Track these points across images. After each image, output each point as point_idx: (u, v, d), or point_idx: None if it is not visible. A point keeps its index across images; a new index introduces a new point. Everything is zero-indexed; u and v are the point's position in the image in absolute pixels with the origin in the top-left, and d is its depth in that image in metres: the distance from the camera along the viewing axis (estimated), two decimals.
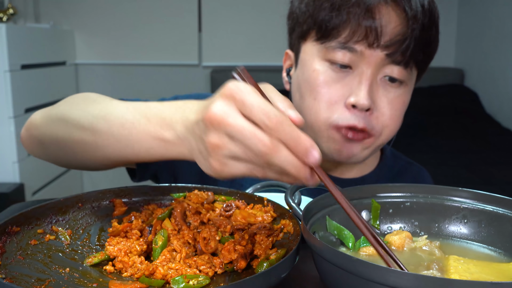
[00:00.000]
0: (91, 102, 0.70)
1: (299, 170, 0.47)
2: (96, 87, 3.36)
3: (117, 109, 0.64)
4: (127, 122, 0.61)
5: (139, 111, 0.61)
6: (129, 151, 0.62)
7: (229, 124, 0.47)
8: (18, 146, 2.46)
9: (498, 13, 3.14)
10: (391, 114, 0.82)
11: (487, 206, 0.64)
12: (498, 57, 3.15)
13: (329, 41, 0.79)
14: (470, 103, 3.27)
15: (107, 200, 0.68)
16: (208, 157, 0.50)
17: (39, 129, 0.75)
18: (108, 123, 0.63)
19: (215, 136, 0.48)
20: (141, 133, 0.59)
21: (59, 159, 0.76)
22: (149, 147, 0.59)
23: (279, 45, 3.39)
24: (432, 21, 0.80)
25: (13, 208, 0.82)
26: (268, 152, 0.46)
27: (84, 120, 0.66)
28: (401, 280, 0.43)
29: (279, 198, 0.72)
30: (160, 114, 0.58)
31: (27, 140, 0.80)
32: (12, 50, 2.39)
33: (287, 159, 0.47)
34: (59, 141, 0.70)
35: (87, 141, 0.66)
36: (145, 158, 0.61)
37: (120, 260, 0.57)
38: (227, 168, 0.49)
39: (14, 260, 0.54)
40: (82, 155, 0.69)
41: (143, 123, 0.59)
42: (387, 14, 0.76)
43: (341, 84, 0.80)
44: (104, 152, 0.65)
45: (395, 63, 0.79)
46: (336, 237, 0.61)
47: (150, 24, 3.31)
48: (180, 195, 0.69)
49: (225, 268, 0.56)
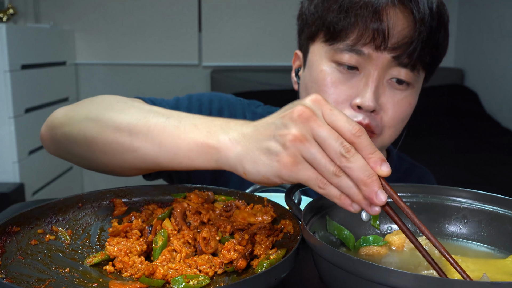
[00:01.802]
0: (128, 106, 0.69)
1: (371, 176, 0.49)
2: (96, 87, 3.36)
3: (155, 113, 0.64)
4: (170, 125, 0.61)
5: (185, 118, 0.62)
6: (166, 155, 0.62)
7: (316, 122, 0.50)
8: (18, 146, 2.46)
9: (498, 13, 3.14)
10: (395, 115, 0.82)
11: (487, 206, 0.64)
12: (498, 57, 3.15)
13: (337, 43, 0.80)
14: (470, 103, 3.27)
15: (107, 200, 0.68)
16: (282, 152, 0.51)
17: (63, 128, 0.73)
18: (147, 124, 0.63)
19: (300, 130, 0.50)
20: (184, 138, 0.60)
21: (84, 159, 0.74)
22: (189, 151, 0.59)
23: (279, 45, 3.41)
24: (440, 24, 0.80)
25: (13, 208, 0.82)
26: (347, 156, 0.49)
27: (121, 121, 0.65)
28: (401, 280, 0.43)
29: (279, 198, 0.72)
30: (209, 123, 0.59)
31: (49, 138, 0.77)
32: (12, 50, 2.39)
33: (362, 165, 0.49)
34: (89, 140, 0.69)
35: (121, 142, 0.65)
36: (179, 164, 0.61)
37: (120, 260, 0.57)
38: (297, 168, 0.51)
39: (14, 260, 0.54)
40: (113, 156, 0.67)
41: (189, 129, 0.60)
42: (394, 17, 0.76)
43: (347, 85, 0.81)
44: (137, 154, 0.65)
45: (402, 65, 0.79)
46: (336, 237, 0.61)
47: (150, 24, 3.31)
48: (180, 195, 0.69)
49: (225, 268, 0.56)
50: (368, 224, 0.65)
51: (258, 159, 0.53)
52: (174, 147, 0.60)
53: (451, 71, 3.53)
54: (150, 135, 0.62)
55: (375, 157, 0.50)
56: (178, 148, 0.60)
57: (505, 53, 3.06)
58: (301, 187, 0.68)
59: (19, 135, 2.46)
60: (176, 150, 0.60)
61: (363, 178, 0.49)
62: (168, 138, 0.61)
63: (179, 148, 0.60)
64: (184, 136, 0.60)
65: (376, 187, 0.49)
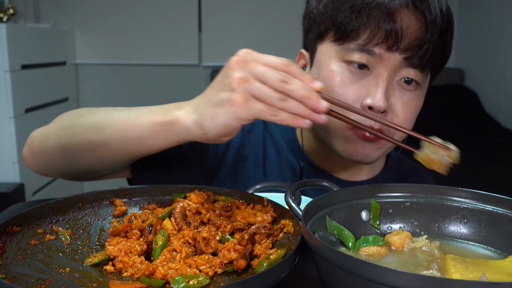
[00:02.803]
0: (94, 111, 0.76)
1: (310, 91, 0.58)
2: (96, 87, 3.36)
3: (121, 110, 0.72)
4: (131, 116, 0.70)
5: (144, 108, 0.70)
6: (132, 142, 0.70)
7: (252, 63, 0.59)
8: (18, 146, 2.46)
9: (497, 14, 3.14)
10: (405, 116, 0.82)
11: (487, 206, 0.64)
12: (498, 57, 3.15)
13: (347, 43, 0.79)
14: (470, 103, 3.27)
15: (107, 200, 0.68)
16: (232, 95, 0.59)
17: (41, 144, 0.80)
18: (112, 119, 0.71)
19: (241, 73, 0.59)
20: (144, 122, 0.68)
21: (64, 168, 0.80)
22: (152, 133, 0.68)
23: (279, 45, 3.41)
24: (449, 26, 0.80)
25: (13, 208, 0.82)
26: (286, 81, 0.58)
27: (90, 123, 0.73)
28: (400, 280, 0.43)
29: (279, 198, 0.72)
30: (164, 107, 0.68)
31: (30, 157, 0.83)
32: (12, 50, 2.39)
33: (300, 85, 0.58)
34: (63, 147, 0.76)
35: (91, 139, 0.72)
36: (146, 147, 0.70)
37: (120, 260, 0.57)
38: (249, 105, 0.59)
39: (14, 260, 0.54)
40: (87, 155, 0.75)
41: (147, 114, 0.68)
42: (407, 18, 0.76)
43: (358, 85, 0.80)
44: (107, 147, 0.72)
45: (413, 66, 0.79)
46: (336, 237, 0.61)
47: (150, 24, 3.32)
48: (180, 195, 0.69)
49: (225, 268, 0.56)
50: (368, 224, 0.65)
51: (214, 113, 0.61)
52: (137, 132, 0.69)
53: (451, 71, 3.53)
54: (115, 127, 0.70)
55: (308, 77, 0.60)
56: (141, 132, 0.68)
57: (505, 54, 3.06)
58: (301, 187, 0.68)
59: (19, 135, 2.46)
60: (140, 133, 0.69)
61: (305, 93, 0.58)
62: (131, 125, 0.69)
63: (142, 131, 0.68)
64: (145, 120, 0.68)
65: (316, 97, 0.58)
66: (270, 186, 0.76)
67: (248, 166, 0.90)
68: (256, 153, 0.91)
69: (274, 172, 0.91)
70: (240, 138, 0.90)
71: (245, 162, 0.90)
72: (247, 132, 0.92)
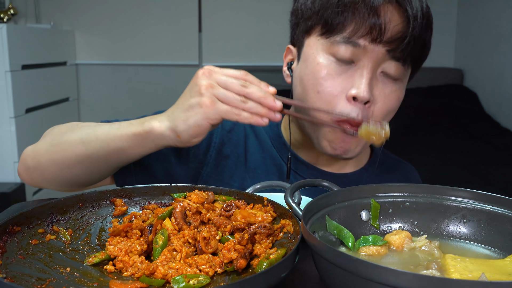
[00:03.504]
0: (79, 127, 0.85)
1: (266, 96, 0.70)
2: (97, 87, 3.36)
3: (103, 125, 0.81)
4: (111, 130, 0.78)
5: (123, 122, 0.79)
6: (114, 152, 0.79)
7: (216, 73, 0.71)
8: (18, 146, 2.46)
9: (497, 14, 3.14)
10: (385, 108, 0.85)
11: (487, 206, 0.64)
12: (497, 57, 3.15)
13: (333, 36, 0.83)
14: (469, 103, 3.27)
15: (108, 200, 0.68)
16: (201, 99, 0.70)
17: (33, 160, 0.86)
18: (96, 134, 0.80)
19: (207, 81, 0.70)
20: (124, 134, 0.77)
21: (55, 181, 0.87)
22: (131, 143, 0.77)
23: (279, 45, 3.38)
24: (428, 24, 0.85)
25: (14, 207, 0.82)
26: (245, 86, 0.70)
27: (75, 138, 0.82)
28: (400, 280, 0.43)
29: (279, 198, 0.72)
30: (142, 119, 0.78)
31: (24, 173, 0.89)
32: (13, 50, 2.39)
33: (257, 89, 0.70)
34: (55, 162, 0.83)
35: (78, 152, 0.81)
36: (128, 155, 0.79)
37: (121, 259, 0.57)
38: (216, 106, 0.69)
39: (15, 260, 0.54)
40: (75, 166, 0.83)
41: (126, 127, 0.77)
42: (390, 13, 0.80)
43: (343, 77, 0.83)
44: (93, 158, 0.81)
45: (395, 59, 0.83)
46: (336, 236, 0.61)
47: (150, 24, 3.32)
48: (181, 195, 0.70)
49: (225, 268, 0.56)
50: (367, 224, 0.65)
51: (186, 116, 0.71)
52: (118, 143, 0.77)
53: (450, 71, 3.53)
54: (100, 140, 0.79)
55: (263, 83, 0.72)
56: (121, 142, 0.77)
57: (504, 54, 3.06)
58: (301, 187, 0.68)
59: (19, 135, 2.46)
60: (120, 144, 0.77)
61: (261, 95, 0.70)
62: (112, 138, 0.78)
63: (122, 142, 0.77)
64: (124, 132, 0.77)
65: (272, 98, 0.70)
66: (270, 186, 0.76)
67: (229, 164, 0.94)
68: (237, 151, 0.96)
69: (258, 168, 0.95)
70: (220, 137, 0.95)
71: (226, 160, 0.94)
72: (228, 131, 0.96)
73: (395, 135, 0.91)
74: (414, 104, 3.00)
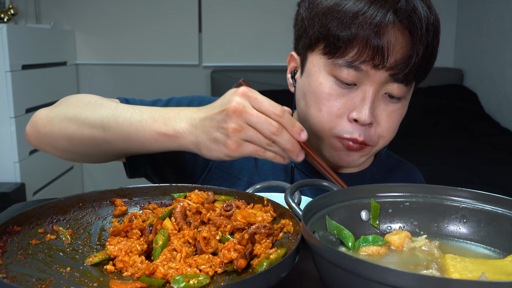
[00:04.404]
0: (98, 105, 0.81)
1: (294, 146, 0.69)
2: (97, 87, 3.36)
3: (124, 111, 0.77)
4: (134, 121, 0.75)
5: (145, 113, 0.75)
6: (135, 145, 0.76)
7: (248, 113, 0.66)
8: (19, 146, 2.46)
9: (497, 14, 3.14)
10: (389, 126, 0.86)
11: (486, 206, 0.64)
12: (497, 57, 3.15)
13: (336, 58, 0.82)
14: (469, 103, 3.27)
15: (108, 199, 0.68)
16: (226, 140, 0.68)
17: (45, 127, 0.84)
18: (117, 121, 0.76)
19: (236, 123, 0.67)
20: (147, 130, 0.74)
21: (67, 152, 0.85)
22: (154, 141, 0.74)
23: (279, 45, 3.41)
24: (434, 36, 0.83)
25: (14, 207, 0.82)
26: (275, 134, 0.67)
27: (95, 120, 0.78)
28: (400, 280, 0.43)
29: (279, 198, 0.72)
30: (164, 115, 0.74)
31: (33, 136, 0.87)
32: (13, 50, 2.39)
33: (288, 138, 0.68)
34: (70, 137, 0.81)
35: (97, 136, 0.78)
36: (149, 149, 0.77)
37: (121, 259, 0.57)
38: (241, 148, 0.68)
39: (15, 260, 0.54)
40: (91, 148, 0.81)
41: (150, 122, 0.74)
42: (394, 36, 0.78)
43: (345, 99, 0.83)
44: (112, 146, 0.79)
45: (398, 81, 0.82)
46: (335, 236, 0.61)
47: (150, 25, 3.32)
48: (181, 195, 0.70)
49: (225, 268, 0.56)
50: (367, 224, 0.65)
51: (210, 147, 0.70)
52: (141, 138, 0.75)
53: (450, 71, 3.53)
54: (120, 129, 0.76)
55: (296, 129, 0.69)
56: (144, 139, 0.75)
57: (504, 53, 3.06)
58: (301, 187, 0.68)
59: (20, 135, 2.46)
60: (143, 140, 0.75)
61: (288, 147, 0.69)
62: (134, 131, 0.75)
63: (145, 139, 0.75)
64: (147, 128, 0.74)
65: (297, 152, 0.70)
66: (270, 186, 0.76)
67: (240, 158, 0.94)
68: None
69: (265, 164, 0.96)
70: None
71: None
72: None
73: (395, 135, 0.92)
74: (414, 104, 3.00)
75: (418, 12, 0.78)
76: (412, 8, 0.78)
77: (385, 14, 0.77)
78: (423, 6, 0.80)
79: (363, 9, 0.78)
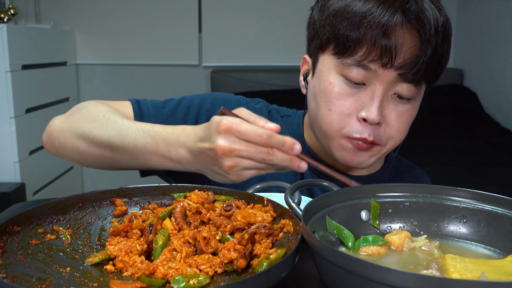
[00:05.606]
0: (106, 122, 0.83)
1: (292, 161, 0.69)
2: (97, 87, 3.36)
3: (130, 131, 0.80)
4: (139, 144, 0.78)
5: (148, 135, 0.78)
6: (143, 165, 0.81)
7: (237, 150, 0.67)
8: (19, 146, 2.46)
9: (497, 14, 3.14)
10: (398, 127, 0.86)
11: (486, 206, 0.64)
12: (497, 57, 3.15)
13: (345, 58, 0.83)
14: (469, 103, 3.27)
15: (108, 200, 0.68)
16: (226, 175, 0.70)
17: (60, 139, 0.88)
18: (123, 142, 0.80)
19: (229, 161, 0.68)
20: (152, 154, 0.77)
21: (82, 163, 0.91)
22: (161, 164, 0.78)
23: (279, 45, 3.41)
24: (445, 39, 0.83)
25: (14, 207, 0.82)
26: (269, 158, 0.68)
27: (102, 140, 0.82)
28: (400, 280, 0.43)
29: (279, 198, 0.72)
30: (165, 139, 0.76)
31: (50, 145, 0.92)
32: (13, 50, 2.39)
33: (282, 157, 0.68)
34: (81, 153, 0.86)
35: (106, 156, 0.83)
36: (159, 168, 0.80)
37: (121, 259, 0.57)
38: (242, 177, 0.70)
39: (15, 260, 0.54)
40: (103, 165, 0.86)
41: (154, 146, 0.77)
42: (402, 36, 0.79)
43: (354, 98, 0.84)
44: (121, 164, 0.84)
45: (407, 81, 0.82)
46: (335, 236, 0.61)
47: (150, 25, 3.32)
48: (181, 195, 0.70)
49: (225, 268, 0.56)
50: (367, 224, 0.65)
51: (213, 176, 0.73)
52: (148, 161, 0.79)
53: (450, 71, 3.53)
54: (127, 151, 0.80)
55: (287, 146, 0.68)
56: (151, 161, 0.79)
57: (504, 53, 3.06)
58: (301, 187, 0.68)
59: (19, 135, 2.46)
60: (150, 163, 0.79)
61: (286, 164, 0.69)
62: (141, 154, 0.79)
63: (152, 161, 0.79)
64: (152, 153, 0.77)
65: (296, 164, 0.69)
66: (270, 186, 0.76)
67: None
68: None
69: None
70: None
71: None
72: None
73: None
74: None
75: (427, 13, 0.79)
76: (421, 9, 0.79)
77: (393, 14, 0.78)
78: (433, 8, 0.81)
79: (372, 10, 0.79)
